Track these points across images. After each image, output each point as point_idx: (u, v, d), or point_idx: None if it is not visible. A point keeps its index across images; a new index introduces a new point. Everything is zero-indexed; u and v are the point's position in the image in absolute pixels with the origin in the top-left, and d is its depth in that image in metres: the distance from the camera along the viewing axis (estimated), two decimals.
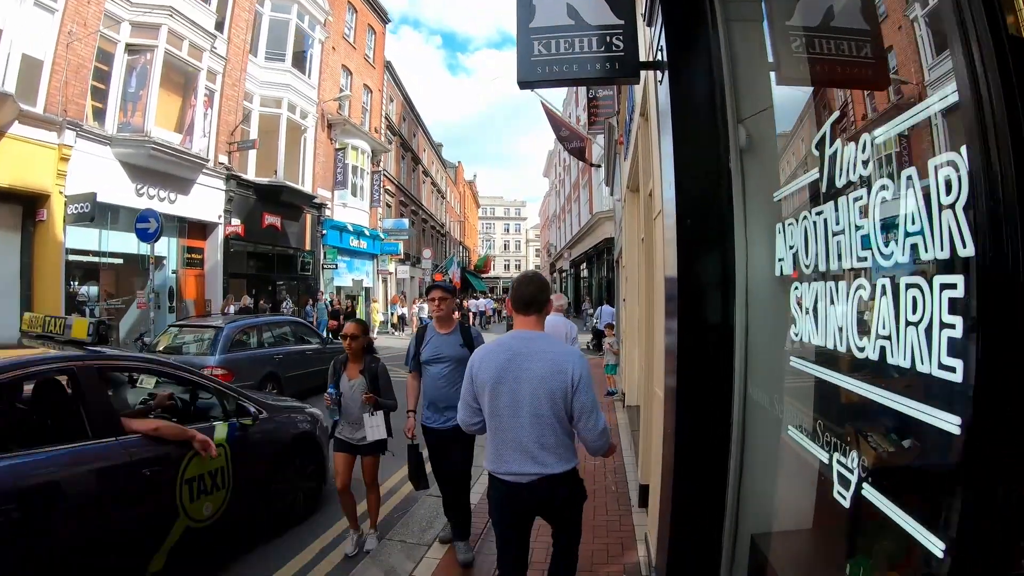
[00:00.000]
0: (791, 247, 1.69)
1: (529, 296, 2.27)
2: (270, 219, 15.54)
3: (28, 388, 3.19)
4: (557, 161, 46.98)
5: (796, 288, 1.66)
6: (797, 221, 1.63)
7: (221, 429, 3.54)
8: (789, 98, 1.86)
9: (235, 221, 14.03)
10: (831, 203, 1.44)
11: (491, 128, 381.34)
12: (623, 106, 7.10)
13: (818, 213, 1.51)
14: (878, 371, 1.23)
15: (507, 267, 74.86)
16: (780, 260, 1.79)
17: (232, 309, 13.59)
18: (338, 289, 19.63)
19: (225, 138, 14.37)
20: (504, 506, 2.24)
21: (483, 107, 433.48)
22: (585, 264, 31.20)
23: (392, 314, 22.36)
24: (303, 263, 17.14)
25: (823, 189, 1.49)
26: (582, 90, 25.53)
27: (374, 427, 3.50)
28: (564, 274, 40.97)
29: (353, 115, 20.68)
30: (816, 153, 1.52)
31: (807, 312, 1.59)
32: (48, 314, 3.57)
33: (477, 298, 31.65)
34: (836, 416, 1.51)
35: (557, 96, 46.94)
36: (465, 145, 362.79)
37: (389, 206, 25.35)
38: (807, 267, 1.57)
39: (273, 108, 15.83)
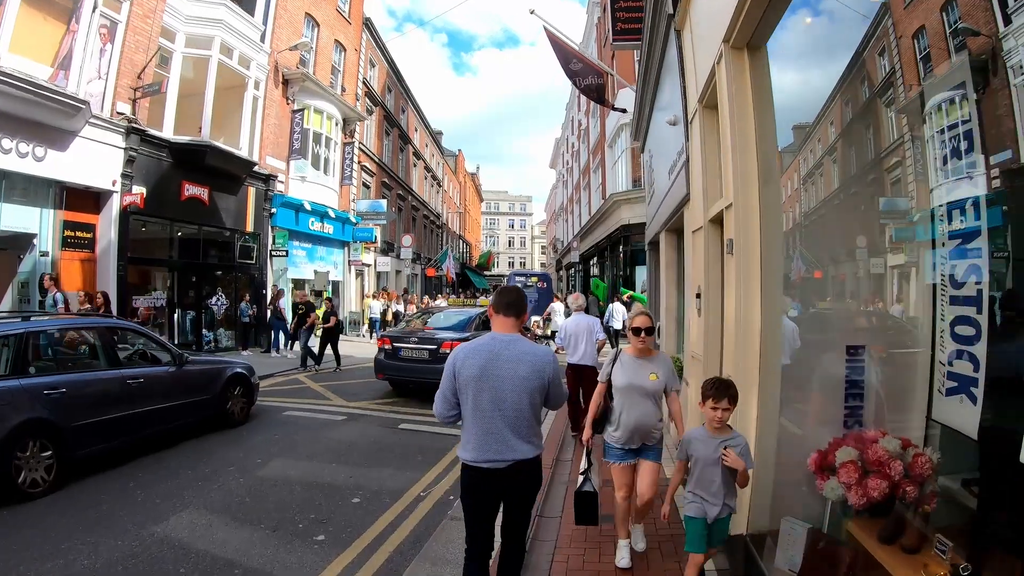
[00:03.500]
0: None
1: (511, 299, 2.58)
2: (193, 190, 12.06)
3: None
4: (565, 148, 43.28)
5: None
6: None
7: None
8: None
9: (137, 189, 10.62)
10: None
11: (496, 127, 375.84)
12: None
13: None
14: None
15: (511, 264, 71.04)
16: None
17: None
18: (296, 282, 16.12)
19: (129, 81, 10.96)
20: (481, 492, 2.46)
21: (488, 106, 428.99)
22: (596, 258, 27.51)
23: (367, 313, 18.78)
24: (244, 248, 13.61)
25: None
26: (592, 45, 21.92)
27: None
28: (572, 270, 37.31)
29: (320, 74, 17.19)
30: None
31: None
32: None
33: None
34: None
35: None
36: (469, 143, 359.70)
37: (368, 186, 21.77)
38: None
39: (201, 50, 12.41)
